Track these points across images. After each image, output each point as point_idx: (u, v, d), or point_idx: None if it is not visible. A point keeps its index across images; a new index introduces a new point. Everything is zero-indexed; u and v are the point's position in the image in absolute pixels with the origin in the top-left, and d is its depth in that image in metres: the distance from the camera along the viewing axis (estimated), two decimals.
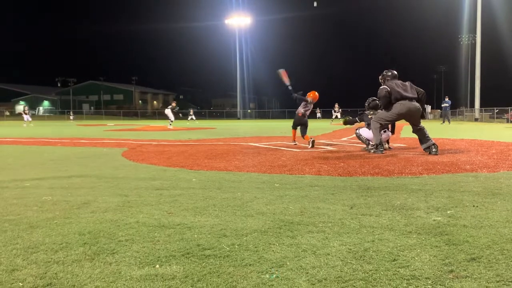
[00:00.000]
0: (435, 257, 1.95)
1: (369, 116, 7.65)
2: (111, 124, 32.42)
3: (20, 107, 58.93)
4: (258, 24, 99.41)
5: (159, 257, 2.02)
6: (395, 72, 7.55)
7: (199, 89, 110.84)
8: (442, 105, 28.80)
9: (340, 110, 31.79)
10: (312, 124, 11.83)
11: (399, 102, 7.16)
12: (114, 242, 2.25)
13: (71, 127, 24.74)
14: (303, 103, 8.68)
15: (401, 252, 2.02)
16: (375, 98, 7.76)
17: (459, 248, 2.05)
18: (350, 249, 2.09)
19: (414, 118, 7.22)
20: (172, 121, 22.79)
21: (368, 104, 8.03)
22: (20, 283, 1.74)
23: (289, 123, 12.29)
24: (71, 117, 53.12)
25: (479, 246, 2.07)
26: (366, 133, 7.58)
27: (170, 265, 1.92)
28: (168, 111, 23.10)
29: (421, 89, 7.46)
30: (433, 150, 6.81)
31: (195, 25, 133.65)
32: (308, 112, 8.86)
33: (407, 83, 7.40)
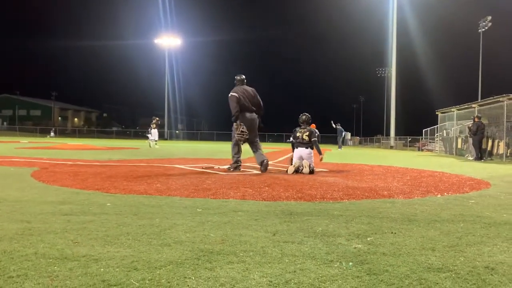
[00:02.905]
0: None
1: (298, 134, 7.88)
2: (25, 141, 30.12)
3: None
4: (189, 45, 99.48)
5: None
6: (243, 77, 7.64)
7: (125, 107, 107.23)
8: (338, 131, 30.02)
9: None
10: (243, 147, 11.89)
11: (242, 113, 7.26)
12: (2, 279, 1.93)
13: None
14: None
15: (323, 284, 1.95)
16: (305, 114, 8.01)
17: (380, 278, 2.02)
18: (271, 281, 1.97)
19: (254, 131, 7.43)
20: (156, 140, 21.87)
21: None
22: None
23: (218, 145, 12.47)
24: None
25: (398, 276, 2.06)
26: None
27: None
28: (155, 131, 21.99)
29: (261, 101, 7.56)
30: (262, 168, 7.28)
31: (123, 43, 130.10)
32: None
33: (251, 91, 7.44)
